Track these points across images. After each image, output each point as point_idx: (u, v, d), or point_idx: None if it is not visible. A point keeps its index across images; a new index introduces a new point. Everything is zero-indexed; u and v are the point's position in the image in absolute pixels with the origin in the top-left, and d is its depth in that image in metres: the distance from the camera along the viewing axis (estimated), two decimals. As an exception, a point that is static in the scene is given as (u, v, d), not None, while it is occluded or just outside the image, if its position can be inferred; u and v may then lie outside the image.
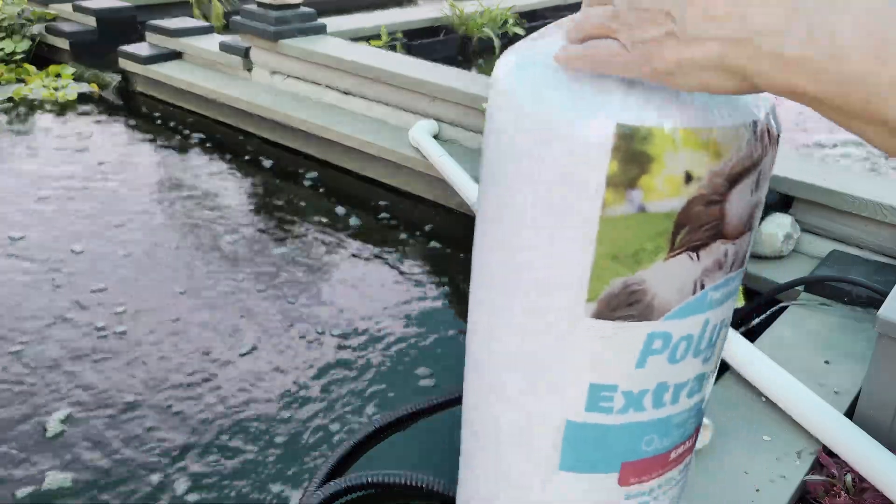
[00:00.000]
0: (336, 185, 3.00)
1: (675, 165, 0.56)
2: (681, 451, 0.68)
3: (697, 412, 0.68)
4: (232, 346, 1.97)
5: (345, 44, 3.54)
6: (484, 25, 4.81)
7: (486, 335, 0.69)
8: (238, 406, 1.75)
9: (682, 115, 0.57)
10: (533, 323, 0.63)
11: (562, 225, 0.59)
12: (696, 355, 0.64)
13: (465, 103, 2.85)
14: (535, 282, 0.62)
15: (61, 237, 2.47)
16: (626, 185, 0.57)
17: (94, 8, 4.33)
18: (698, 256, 0.60)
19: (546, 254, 0.61)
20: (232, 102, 3.47)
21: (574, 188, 0.58)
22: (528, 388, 0.65)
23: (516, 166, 0.61)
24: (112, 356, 1.89)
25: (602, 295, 0.60)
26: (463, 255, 2.49)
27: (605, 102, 0.57)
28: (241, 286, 2.24)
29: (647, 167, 0.56)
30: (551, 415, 0.64)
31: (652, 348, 0.61)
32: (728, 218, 0.60)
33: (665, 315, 0.60)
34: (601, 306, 0.60)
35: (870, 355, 1.48)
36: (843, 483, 1.35)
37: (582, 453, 0.64)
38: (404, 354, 1.96)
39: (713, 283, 0.62)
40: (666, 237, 0.58)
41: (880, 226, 2.05)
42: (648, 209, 0.57)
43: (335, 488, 1.44)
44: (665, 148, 0.56)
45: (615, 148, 0.56)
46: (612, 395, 0.62)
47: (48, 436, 1.62)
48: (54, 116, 3.59)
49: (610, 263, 0.59)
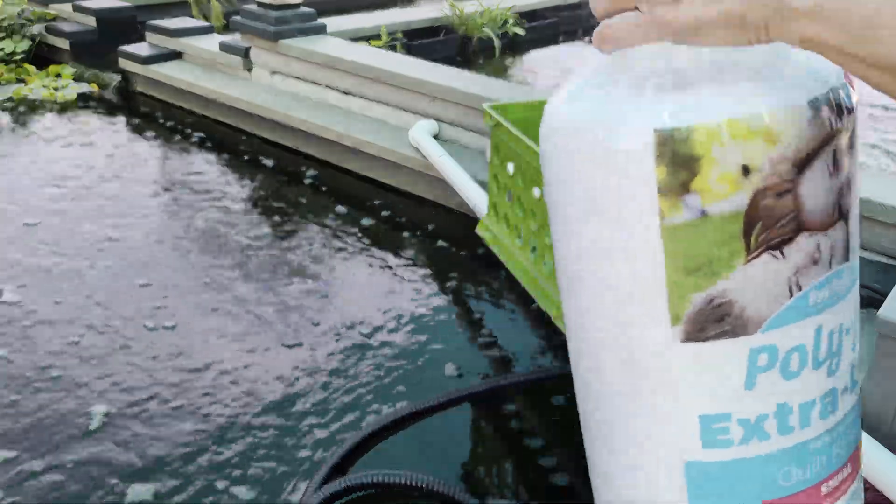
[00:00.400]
0: (336, 185, 3.01)
1: (727, 160, 0.53)
2: (833, 485, 0.60)
3: (843, 434, 0.61)
4: (230, 340, 1.97)
5: (345, 44, 3.54)
6: (484, 25, 4.81)
7: (590, 379, 0.64)
8: (231, 385, 1.75)
9: (723, 105, 0.53)
10: (626, 360, 0.59)
11: (626, 247, 0.56)
12: (817, 367, 0.58)
13: (465, 103, 2.85)
14: (617, 315, 0.58)
15: (59, 240, 2.47)
16: (678, 191, 0.53)
17: (94, 8, 4.33)
18: (783, 254, 0.55)
19: (620, 282, 0.57)
20: (232, 102, 3.47)
21: (628, 205, 0.55)
22: (640, 432, 0.61)
23: (571, 196, 0.59)
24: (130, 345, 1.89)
25: (686, 315, 0.55)
26: (464, 255, 2.49)
27: (638, 109, 0.55)
28: (241, 285, 2.24)
29: (696, 168, 0.53)
30: (669, 458, 0.59)
31: (758, 365, 0.56)
32: (806, 207, 0.55)
33: (763, 327, 0.56)
34: (688, 328, 0.55)
35: (870, 355, 1.48)
36: (843, 483, 1.35)
37: (711, 497, 0.59)
38: (404, 354, 1.96)
39: (813, 283, 0.56)
40: (739, 239, 0.54)
41: (880, 226, 2.05)
42: (710, 212, 0.54)
43: (335, 488, 1.45)
44: (710, 144, 0.53)
45: (658, 155, 0.53)
46: (727, 426, 0.57)
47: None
48: (54, 116, 3.59)
49: (685, 279, 0.55)
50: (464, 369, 1.90)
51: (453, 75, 3.07)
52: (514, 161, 1.90)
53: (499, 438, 1.75)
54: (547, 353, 2.00)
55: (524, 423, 1.77)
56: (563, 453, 1.66)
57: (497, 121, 1.93)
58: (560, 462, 1.63)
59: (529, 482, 1.59)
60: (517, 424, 1.76)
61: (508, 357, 1.99)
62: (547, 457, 1.66)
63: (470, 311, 2.21)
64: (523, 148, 1.80)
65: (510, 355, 1.99)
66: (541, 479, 1.60)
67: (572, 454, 1.65)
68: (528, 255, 1.92)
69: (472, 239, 2.32)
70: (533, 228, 1.86)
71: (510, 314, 2.18)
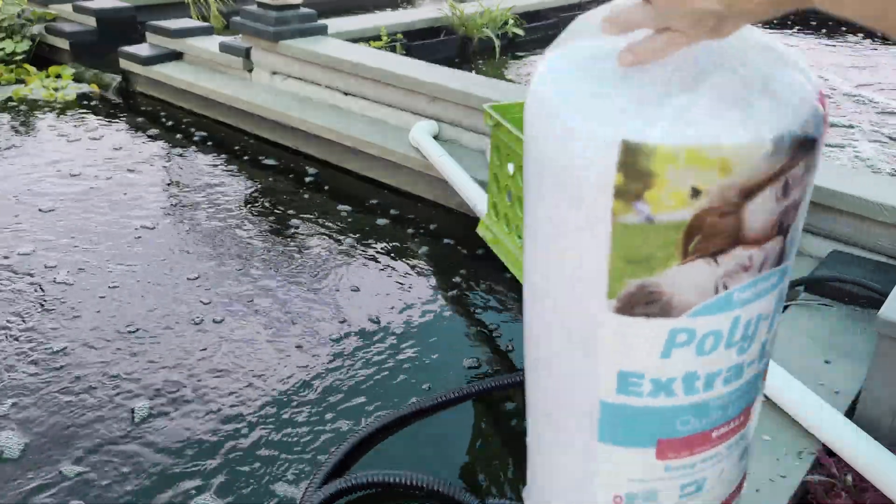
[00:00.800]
0: (336, 185, 3.00)
1: (679, 181, 0.58)
2: (724, 431, 0.71)
3: (742, 395, 0.70)
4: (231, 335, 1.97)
5: (345, 44, 3.54)
6: (484, 26, 4.81)
7: (536, 324, 0.74)
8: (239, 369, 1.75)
9: (690, 131, 0.57)
10: (570, 316, 0.68)
11: (583, 227, 0.62)
12: (729, 347, 0.66)
13: (465, 103, 2.85)
14: (569, 278, 0.66)
15: (57, 242, 2.47)
16: (632, 197, 0.59)
17: (94, 8, 4.33)
18: (716, 261, 0.61)
19: (575, 253, 0.65)
20: (232, 103, 3.47)
21: (591, 194, 0.60)
22: (568, 372, 0.70)
23: (547, 170, 0.65)
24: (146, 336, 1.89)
25: (621, 293, 0.63)
26: (464, 254, 2.49)
27: (616, 117, 0.59)
28: (241, 283, 2.24)
29: (651, 182, 0.58)
30: (588, 395, 0.69)
31: (676, 341, 0.64)
32: (746, 226, 0.60)
33: (686, 313, 0.63)
34: (621, 303, 0.63)
35: (870, 355, 1.48)
36: (843, 483, 1.35)
37: (617, 429, 0.69)
38: (405, 353, 1.96)
39: (739, 285, 0.63)
40: (677, 245, 0.60)
41: (880, 226, 2.05)
42: (656, 220, 0.59)
43: (335, 488, 1.45)
44: (667, 165, 0.57)
45: (620, 163, 0.58)
46: (640, 381, 0.66)
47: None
48: (54, 117, 3.59)
49: (625, 266, 0.62)
50: (467, 364, 1.91)
51: (453, 75, 3.08)
52: (514, 161, 1.90)
53: (499, 437, 1.75)
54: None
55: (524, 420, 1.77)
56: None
57: (497, 121, 1.93)
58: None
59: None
60: (517, 424, 1.76)
61: (509, 350, 1.99)
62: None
63: (471, 309, 2.21)
64: (523, 148, 1.80)
65: (510, 346, 1.99)
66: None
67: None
68: (528, 255, 1.92)
69: (472, 238, 2.32)
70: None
71: (510, 313, 2.18)
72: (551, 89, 0.63)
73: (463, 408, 1.77)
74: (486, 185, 2.19)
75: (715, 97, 0.59)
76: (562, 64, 0.65)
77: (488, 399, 1.81)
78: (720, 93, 0.60)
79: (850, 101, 4.16)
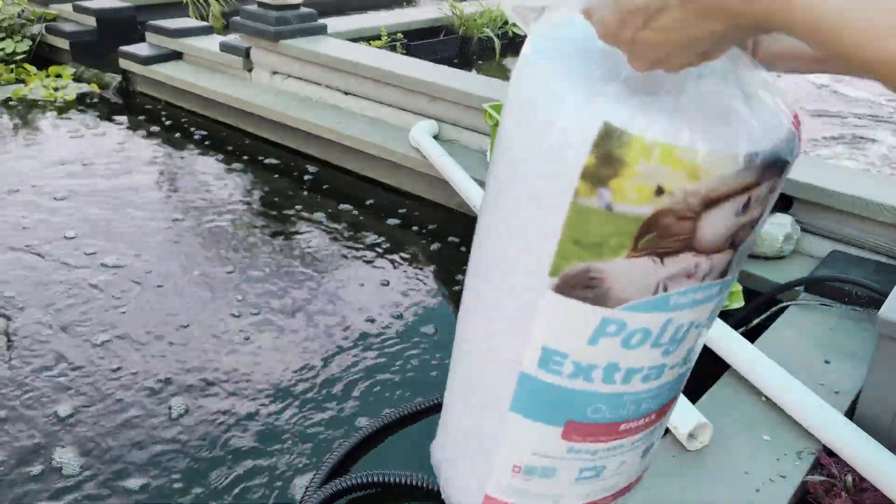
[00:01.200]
0: (336, 185, 3.00)
1: (647, 176, 0.58)
2: (633, 426, 0.72)
3: (657, 395, 0.72)
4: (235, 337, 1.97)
5: (345, 44, 3.54)
6: (484, 26, 4.81)
7: (474, 287, 0.75)
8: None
9: (670, 130, 0.57)
10: (507, 284, 0.69)
11: (539, 200, 0.63)
12: (655, 347, 0.67)
13: (465, 103, 2.85)
14: (513, 247, 0.67)
15: (59, 244, 2.47)
16: (598, 181, 0.59)
17: (94, 8, 4.33)
18: (662, 262, 0.62)
19: (524, 223, 0.66)
20: (232, 102, 3.47)
21: (555, 169, 0.61)
22: (495, 335, 0.72)
23: (521, 135, 0.65)
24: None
25: (562, 273, 0.63)
26: (463, 253, 2.49)
27: (603, 96, 0.59)
28: (241, 283, 2.24)
29: (619, 171, 0.58)
30: (510, 365, 0.70)
31: (605, 331, 0.65)
32: (700, 234, 0.61)
33: (622, 305, 0.64)
34: (561, 282, 0.64)
35: (870, 355, 1.48)
36: (843, 483, 1.35)
37: (530, 402, 0.70)
38: (406, 351, 1.96)
39: (679, 289, 0.64)
40: (629, 238, 0.60)
41: (880, 226, 2.05)
42: (615, 209, 0.59)
43: (335, 488, 1.45)
44: (640, 157, 0.57)
45: (595, 144, 0.58)
46: (562, 361, 0.67)
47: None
48: (55, 116, 3.59)
49: (573, 247, 0.62)
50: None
51: (453, 75, 3.07)
52: (515, 161, 1.90)
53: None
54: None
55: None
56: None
57: (497, 121, 1.93)
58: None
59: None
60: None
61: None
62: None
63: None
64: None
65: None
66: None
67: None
68: (528, 255, 1.92)
69: (472, 238, 2.32)
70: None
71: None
72: (545, 62, 0.64)
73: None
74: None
75: (699, 103, 0.60)
76: (552, 43, 0.65)
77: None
78: (705, 100, 0.60)
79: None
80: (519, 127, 0.66)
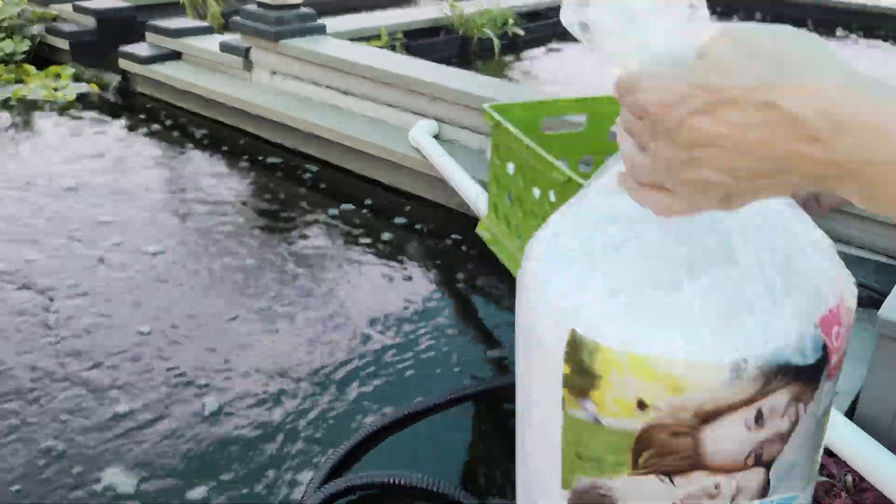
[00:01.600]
0: (336, 185, 3.00)
1: (624, 389, 0.52)
2: None
3: None
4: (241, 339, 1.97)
5: (345, 44, 3.54)
6: (484, 26, 4.81)
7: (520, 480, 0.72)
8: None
9: (636, 336, 0.51)
10: (532, 496, 0.66)
11: (541, 408, 0.59)
12: None
13: (465, 103, 2.85)
14: (532, 455, 0.64)
15: (53, 245, 2.47)
16: (579, 392, 0.55)
17: (94, 8, 4.33)
18: (672, 482, 0.55)
19: (538, 431, 0.62)
20: (232, 102, 3.47)
21: (550, 378, 0.57)
22: None
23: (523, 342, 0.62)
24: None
25: (574, 487, 0.58)
26: (463, 253, 2.49)
27: (574, 302, 0.54)
28: (239, 283, 2.24)
29: (595, 382, 0.53)
30: None
31: None
32: (708, 451, 0.54)
33: None
34: (574, 498, 0.58)
35: (870, 355, 1.48)
36: (843, 483, 1.35)
37: None
38: (407, 350, 1.96)
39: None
40: (627, 454, 0.54)
41: (880, 226, 2.05)
42: (603, 423, 0.54)
43: (336, 488, 1.44)
44: (610, 369, 0.52)
45: (567, 353, 0.54)
46: None
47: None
48: (54, 117, 3.59)
49: (576, 460, 0.57)
50: (468, 364, 1.91)
51: (453, 75, 3.08)
52: (514, 161, 1.90)
53: (499, 437, 1.74)
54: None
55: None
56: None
57: (497, 121, 1.93)
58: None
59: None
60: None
61: (505, 354, 1.99)
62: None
63: (472, 307, 2.21)
64: (523, 148, 1.80)
65: (506, 351, 1.99)
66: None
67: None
68: (528, 255, 1.92)
69: (473, 239, 2.32)
70: (533, 228, 1.86)
71: (509, 312, 2.18)
72: (534, 262, 0.61)
73: (463, 407, 1.78)
74: (486, 185, 2.19)
75: (700, 298, 0.52)
76: (556, 229, 0.60)
77: (488, 399, 1.81)
78: (708, 294, 0.52)
79: None
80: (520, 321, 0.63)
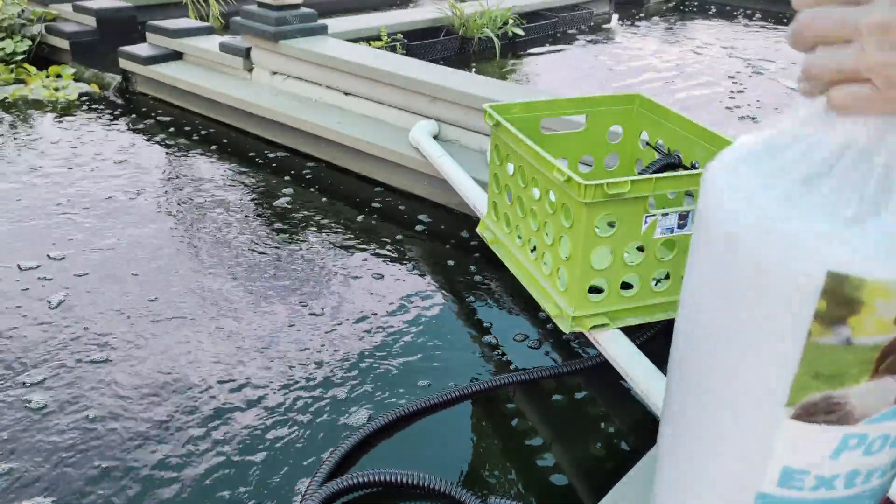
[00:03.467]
0: (336, 185, 3.01)
1: (886, 310, 0.58)
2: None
3: (885, 484, 0.73)
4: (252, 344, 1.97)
5: (345, 44, 3.54)
6: (484, 26, 4.81)
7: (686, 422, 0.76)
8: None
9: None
10: (736, 417, 0.70)
11: (766, 344, 0.64)
12: (894, 447, 0.68)
13: (466, 103, 2.86)
14: (741, 386, 0.68)
15: (52, 248, 2.48)
16: (833, 321, 0.59)
17: (95, 8, 4.34)
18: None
19: (752, 365, 0.66)
20: (232, 103, 3.47)
21: (783, 316, 0.62)
22: (726, 463, 0.73)
23: (728, 285, 0.66)
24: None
25: (801, 402, 0.64)
26: (463, 253, 2.49)
27: (819, 247, 0.58)
28: (240, 282, 2.25)
29: (856, 309, 0.58)
30: (745, 485, 0.71)
31: (848, 445, 0.66)
32: None
33: (863, 420, 0.64)
34: (800, 412, 0.65)
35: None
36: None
37: None
38: (407, 350, 1.97)
39: None
40: (870, 364, 0.61)
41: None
42: (854, 342, 0.60)
43: (336, 487, 1.45)
44: (876, 297, 0.58)
45: (825, 291, 0.58)
46: (803, 478, 0.68)
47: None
48: (55, 117, 3.60)
49: (811, 381, 0.63)
50: (469, 364, 1.92)
51: (453, 75, 3.08)
52: (515, 161, 1.91)
53: (499, 437, 1.75)
54: (542, 349, 2.00)
55: (524, 421, 1.77)
56: (562, 452, 1.66)
57: (497, 120, 1.93)
58: (559, 461, 1.64)
59: (532, 482, 1.60)
60: (518, 423, 1.77)
61: (504, 354, 1.99)
62: (546, 455, 1.66)
63: (472, 307, 2.22)
64: (523, 148, 1.81)
65: (505, 351, 2.00)
66: (541, 478, 1.60)
67: (570, 452, 1.66)
68: (527, 254, 1.93)
69: (470, 237, 2.32)
70: (533, 228, 1.87)
71: (509, 311, 2.19)
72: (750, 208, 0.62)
73: (462, 406, 1.78)
74: (486, 185, 2.19)
75: None
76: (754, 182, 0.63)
77: (488, 398, 1.81)
78: None
79: None
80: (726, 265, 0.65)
